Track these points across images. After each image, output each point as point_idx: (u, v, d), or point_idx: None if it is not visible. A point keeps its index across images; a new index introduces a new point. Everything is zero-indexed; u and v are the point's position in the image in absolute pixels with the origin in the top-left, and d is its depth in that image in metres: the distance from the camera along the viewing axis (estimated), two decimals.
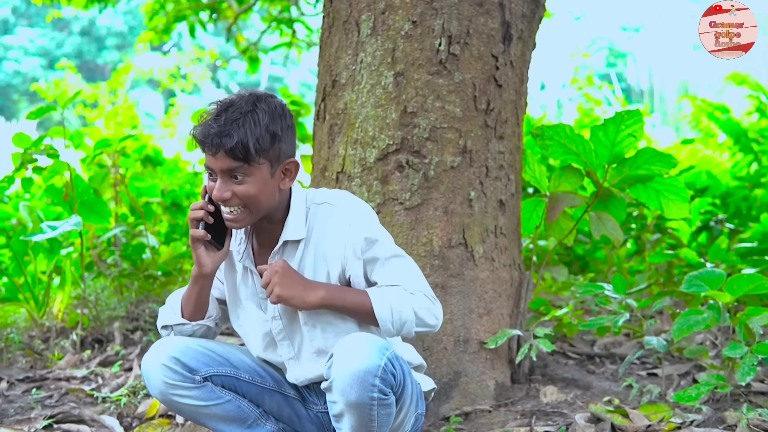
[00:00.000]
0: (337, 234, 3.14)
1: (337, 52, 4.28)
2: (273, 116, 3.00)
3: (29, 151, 5.51)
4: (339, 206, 3.18)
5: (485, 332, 4.18)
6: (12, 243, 5.79)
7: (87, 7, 11.54)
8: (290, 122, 3.09)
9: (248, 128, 2.93)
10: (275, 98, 3.10)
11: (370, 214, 3.22)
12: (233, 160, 2.95)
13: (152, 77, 22.73)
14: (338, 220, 3.15)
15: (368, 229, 3.15)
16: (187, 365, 3.13)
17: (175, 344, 3.17)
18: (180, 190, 8.12)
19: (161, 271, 6.33)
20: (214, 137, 2.93)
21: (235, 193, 3.00)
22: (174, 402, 3.15)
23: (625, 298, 4.44)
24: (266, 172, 3.02)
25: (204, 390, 3.17)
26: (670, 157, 4.15)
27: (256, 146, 2.93)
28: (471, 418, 4.01)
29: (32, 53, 45.81)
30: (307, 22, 12.59)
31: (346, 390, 2.79)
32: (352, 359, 2.80)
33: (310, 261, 3.18)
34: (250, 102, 3.00)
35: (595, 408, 3.90)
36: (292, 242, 3.19)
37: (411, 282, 3.13)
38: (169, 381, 3.10)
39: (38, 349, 5.39)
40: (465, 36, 4.11)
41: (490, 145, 4.19)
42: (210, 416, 3.21)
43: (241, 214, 3.05)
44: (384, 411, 2.86)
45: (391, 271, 3.15)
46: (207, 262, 3.16)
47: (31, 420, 4.19)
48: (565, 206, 4.33)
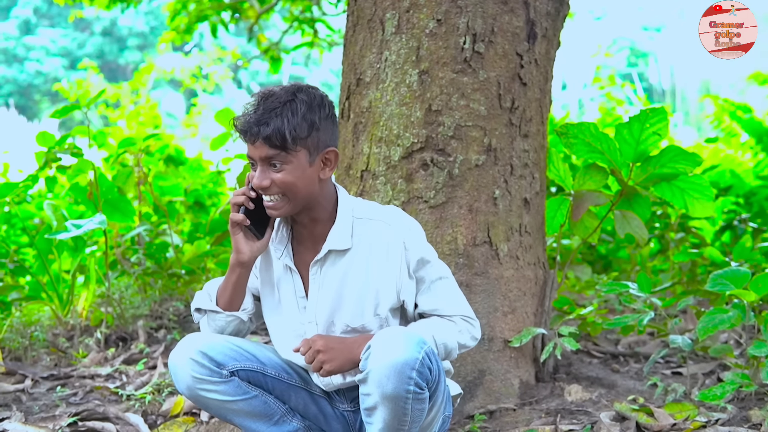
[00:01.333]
0: (392, 254, 3.17)
1: (361, 51, 4.29)
2: (311, 106, 3.02)
3: (53, 150, 5.53)
4: (394, 225, 3.19)
5: (510, 330, 4.18)
6: (36, 241, 5.81)
7: (109, 8, 11.56)
8: (330, 112, 3.11)
9: (286, 117, 2.96)
10: (316, 89, 3.12)
11: (421, 234, 3.26)
12: (270, 147, 2.98)
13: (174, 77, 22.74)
14: (394, 240, 3.17)
15: (422, 249, 3.19)
16: (214, 359, 3.13)
17: (203, 339, 3.18)
18: (203, 189, 8.13)
19: (185, 270, 6.33)
20: (253, 126, 2.98)
21: (273, 181, 3.03)
22: (201, 397, 3.15)
23: (649, 296, 4.43)
24: (304, 161, 3.03)
25: (231, 385, 3.17)
26: (695, 155, 4.14)
27: (293, 134, 2.96)
28: (495, 416, 4.01)
29: (54, 53, 45.96)
30: (329, 21, 12.60)
31: (383, 381, 2.79)
32: (391, 351, 2.80)
33: (359, 276, 3.19)
34: (289, 92, 3.03)
35: (620, 407, 3.90)
36: (336, 252, 3.20)
37: (450, 306, 3.21)
38: (197, 375, 3.11)
39: (63, 347, 5.40)
40: (489, 34, 4.10)
41: (515, 143, 4.19)
42: (236, 412, 3.21)
43: (280, 201, 3.08)
44: (418, 406, 2.85)
45: (434, 295, 3.22)
46: (245, 249, 3.17)
47: (56, 417, 4.19)
48: (589, 205, 4.32)
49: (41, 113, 40.38)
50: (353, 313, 3.20)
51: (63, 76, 37.37)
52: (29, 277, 6.34)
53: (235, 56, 20.11)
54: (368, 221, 3.21)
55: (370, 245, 3.19)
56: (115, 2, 11.43)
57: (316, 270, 3.23)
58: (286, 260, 3.28)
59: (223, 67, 23.07)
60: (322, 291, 3.23)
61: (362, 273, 3.19)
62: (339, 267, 3.20)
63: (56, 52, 46.07)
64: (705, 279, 5.83)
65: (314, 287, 3.24)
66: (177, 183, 7.68)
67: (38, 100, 44.22)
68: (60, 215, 5.58)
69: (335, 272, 3.20)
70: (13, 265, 6.16)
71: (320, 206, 3.19)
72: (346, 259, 3.19)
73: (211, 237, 6.75)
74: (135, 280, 6.23)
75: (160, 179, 7.62)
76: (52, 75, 43.07)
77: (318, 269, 3.22)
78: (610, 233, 7.17)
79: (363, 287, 3.19)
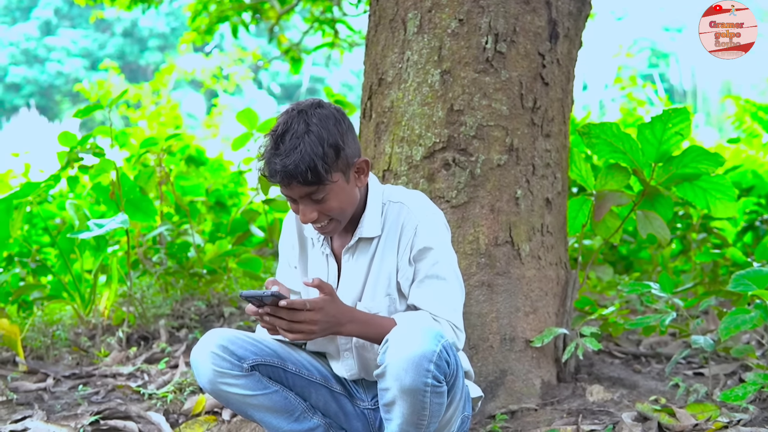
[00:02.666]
0: (404, 235, 3.20)
1: (383, 51, 4.29)
2: (328, 128, 2.99)
3: (75, 149, 5.55)
4: (413, 209, 3.21)
5: (531, 331, 4.18)
6: (58, 241, 5.83)
7: (130, 8, 11.61)
8: (347, 124, 3.10)
9: (311, 151, 2.92)
10: (324, 106, 3.08)
11: (439, 226, 3.26)
12: (308, 186, 2.98)
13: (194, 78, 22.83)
14: (408, 222, 3.20)
15: (430, 240, 3.19)
16: (235, 353, 3.15)
17: (224, 334, 3.19)
18: (224, 189, 8.16)
19: (206, 269, 6.35)
20: (282, 172, 2.95)
21: (320, 212, 3.06)
22: (222, 391, 3.17)
23: (671, 297, 4.42)
24: (342, 182, 3.05)
25: (251, 379, 3.18)
26: (717, 155, 4.13)
27: (324, 167, 2.94)
28: (517, 416, 4.01)
29: (75, 54, 46.18)
30: (350, 22, 12.63)
31: (401, 374, 2.78)
32: (408, 344, 2.79)
33: (381, 258, 3.23)
34: (302, 121, 2.98)
35: (642, 407, 3.89)
36: (365, 239, 3.24)
37: (440, 308, 3.16)
38: (218, 368, 3.12)
39: (84, 346, 5.42)
40: (511, 34, 4.10)
41: (537, 143, 4.18)
42: (257, 407, 3.22)
43: (329, 224, 3.13)
44: (436, 399, 2.85)
45: (425, 292, 3.19)
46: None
47: (78, 416, 4.20)
48: (611, 205, 4.31)
49: (62, 114, 40.59)
50: (372, 294, 3.24)
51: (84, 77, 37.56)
52: (51, 276, 6.38)
53: (255, 57, 20.16)
54: (392, 204, 3.25)
55: (391, 227, 3.23)
56: (136, 3, 11.48)
57: (348, 257, 3.29)
58: (324, 248, 3.34)
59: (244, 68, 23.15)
60: (352, 276, 3.27)
61: (382, 255, 3.23)
62: (369, 252, 3.25)
63: (77, 52, 46.28)
64: (727, 279, 5.83)
65: (346, 273, 3.29)
66: (198, 183, 7.71)
67: (59, 101, 44.45)
68: (82, 215, 5.60)
69: (364, 259, 3.26)
70: (35, 264, 6.20)
71: None
72: (374, 244, 3.24)
73: (233, 237, 6.78)
74: (156, 280, 6.25)
75: (182, 179, 7.65)
76: (73, 76, 43.29)
77: (350, 256, 3.28)
78: (632, 234, 7.16)
79: (381, 268, 3.23)
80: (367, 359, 3.30)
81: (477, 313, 4.04)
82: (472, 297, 4.02)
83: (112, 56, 41.68)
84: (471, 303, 4.00)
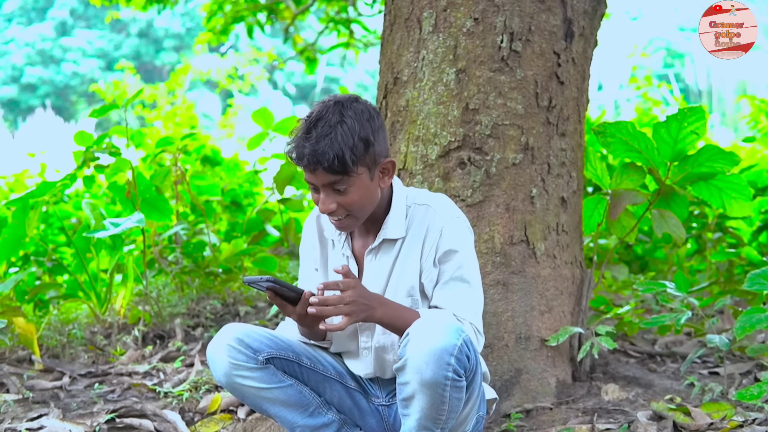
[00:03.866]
0: (429, 237, 3.21)
1: (398, 50, 4.29)
2: (362, 122, 3.02)
3: (91, 149, 5.56)
4: (439, 211, 3.23)
5: (546, 329, 4.18)
6: (74, 240, 5.85)
7: (145, 9, 11.64)
8: (380, 123, 3.12)
9: (341, 141, 2.95)
10: (359, 101, 3.12)
11: (463, 229, 3.27)
12: (332, 174, 3.00)
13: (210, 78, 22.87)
14: (434, 224, 3.21)
15: (455, 242, 3.20)
16: (250, 346, 3.17)
17: (240, 328, 3.22)
18: (240, 188, 8.17)
19: (222, 269, 6.37)
20: (310, 156, 2.97)
21: (340, 204, 3.07)
22: (237, 384, 3.18)
23: (686, 296, 4.41)
24: (366, 178, 3.07)
25: (266, 372, 3.20)
26: (733, 154, 4.12)
27: (352, 158, 2.97)
28: (532, 415, 4.01)
29: (90, 55, 46.27)
30: (365, 22, 12.62)
31: (422, 368, 2.79)
32: (430, 338, 2.80)
33: (404, 259, 3.25)
34: (337, 112, 3.02)
35: (657, 406, 3.89)
36: (389, 240, 3.25)
37: (463, 310, 3.18)
38: (233, 361, 3.14)
39: (100, 345, 5.44)
40: (527, 33, 4.10)
41: (552, 142, 4.18)
42: (272, 400, 3.23)
43: (347, 219, 3.14)
44: (456, 394, 2.86)
45: (449, 294, 3.21)
46: (289, 311, 3.17)
47: (94, 414, 4.21)
48: (627, 204, 4.31)
49: (78, 114, 40.68)
50: (393, 295, 3.25)
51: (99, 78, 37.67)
52: (67, 275, 6.40)
53: (270, 57, 20.18)
54: (417, 206, 3.26)
55: (416, 229, 3.24)
56: (151, 3, 11.51)
57: (370, 258, 3.30)
58: (345, 250, 3.34)
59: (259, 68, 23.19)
60: (374, 277, 3.28)
61: (405, 256, 3.24)
62: (392, 254, 3.26)
63: (93, 53, 46.38)
64: (742, 279, 5.81)
65: (368, 273, 3.30)
66: (214, 182, 7.73)
67: (75, 101, 44.55)
68: (98, 214, 5.62)
69: (387, 260, 3.27)
70: (51, 263, 6.22)
71: (379, 206, 3.25)
72: (398, 245, 3.25)
73: (248, 236, 6.79)
74: (172, 279, 6.27)
75: (197, 179, 7.67)
76: (89, 76, 43.36)
77: (372, 257, 3.29)
78: (647, 233, 7.15)
79: (404, 269, 3.24)
80: (385, 360, 3.32)
81: (492, 312, 4.04)
82: (488, 296, 4.01)
83: (127, 57, 41.79)
84: (486, 302, 3.98)
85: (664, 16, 46.08)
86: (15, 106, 44.75)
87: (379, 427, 3.44)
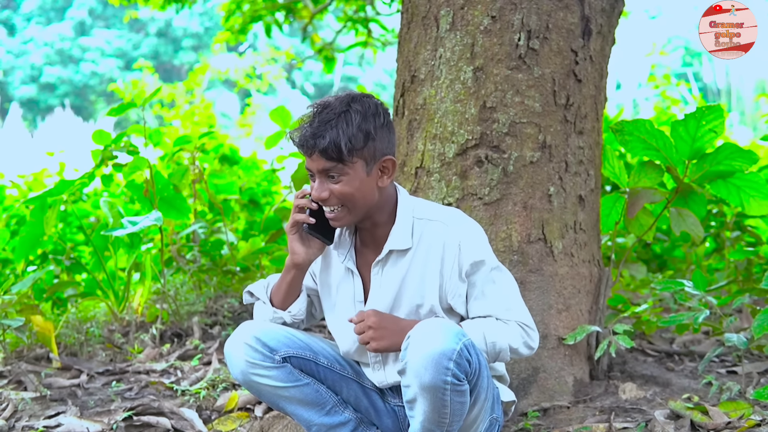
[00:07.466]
0: (447, 255, 3.19)
1: (416, 48, 4.29)
2: (366, 115, 3.05)
3: (109, 148, 5.57)
4: (451, 227, 3.22)
5: (564, 328, 4.17)
6: (93, 238, 5.87)
7: (164, 8, 11.66)
8: (386, 121, 3.13)
9: (341, 128, 2.99)
10: (371, 98, 3.15)
11: (480, 238, 3.26)
12: (327, 160, 3.02)
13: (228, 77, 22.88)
14: (449, 241, 3.19)
15: (478, 252, 3.19)
16: (267, 345, 3.19)
17: (257, 326, 3.25)
18: (257, 187, 8.18)
19: (239, 267, 6.37)
20: (309, 139, 3.02)
21: (332, 193, 3.08)
22: (254, 382, 3.20)
23: (704, 295, 4.40)
24: (362, 171, 3.07)
25: (283, 371, 3.21)
26: (752, 152, 4.10)
27: (348, 146, 2.99)
28: (549, 413, 4.01)
29: (109, 54, 46.42)
30: (383, 21, 12.61)
31: (420, 372, 2.80)
32: (428, 342, 2.81)
33: (416, 276, 3.23)
34: (344, 103, 3.06)
35: (675, 405, 3.88)
36: (397, 252, 3.24)
37: (505, 311, 3.19)
38: (250, 360, 3.16)
39: (118, 343, 5.45)
40: (544, 31, 4.10)
41: (570, 140, 4.18)
42: (289, 399, 3.25)
43: (340, 212, 3.13)
44: (457, 398, 2.86)
45: (487, 301, 3.20)
46: (300, 251, 3.23)
47: (111, 412, 4.23)
48: (645, 202, 4.29)
49: (96, 114, 40.82)
50: (407, 312, 3.23)
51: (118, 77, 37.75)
52: (85, 273, 6.41)
53: (288, 56, 20.16)
54: (428, 222, 3.25)
55: (428, 246, 3.22)
56: (169, 2, 11.53)
57: (377, 270, 3.28)
58: (348, 263, 3.33)
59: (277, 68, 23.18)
60: (381, 290, 3.26)
61: (419, 273, 3.22)
62: (400, 267, 3.24)
63: (111, 53, 46.53)
64: (761, 277, 5.79)
65: (375, 287, 3.29)
66: (232, 181, 7.73)
67: (93, 101, 44.72)
68: (116, 212, 5.63)
69: (396, 272, 3.24)
70: (69, 262, 6.24)
71: (381, 210, 3.23)
72: (406, 259, 3.23)
73: (266, 235, 6.79)
74: (190, 277, 6.27)
75: (216, 177, 7.67)
76: (107, 76, 43.51)
77: (379, 270, 3.27)
78: (665, 232, 7.13)
79: (419, 287, 3.22)
80: (395, 374, 3.33)
81: None
82: None
83: (146, 56, 41.93)
84: None
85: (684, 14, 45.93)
86: (34, 105, 44.96)
87: (395, 427, 3.45)
